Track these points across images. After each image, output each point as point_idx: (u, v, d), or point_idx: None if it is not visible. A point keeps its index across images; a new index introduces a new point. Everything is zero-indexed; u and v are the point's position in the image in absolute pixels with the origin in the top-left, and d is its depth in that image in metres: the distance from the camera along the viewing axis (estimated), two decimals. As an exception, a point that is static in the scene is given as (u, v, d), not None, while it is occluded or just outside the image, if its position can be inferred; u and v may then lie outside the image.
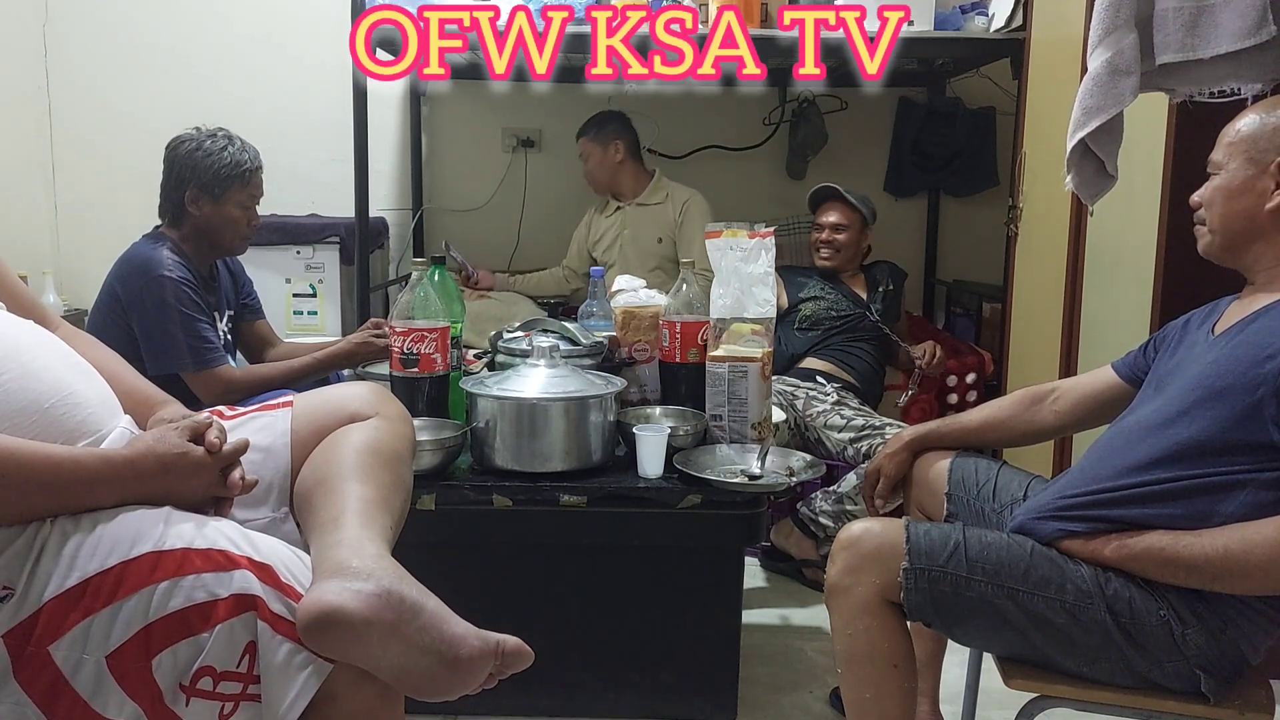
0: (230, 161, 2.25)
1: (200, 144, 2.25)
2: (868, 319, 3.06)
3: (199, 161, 2.24)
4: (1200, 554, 1.31)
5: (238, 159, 2.27)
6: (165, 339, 2.18)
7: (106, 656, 1.04)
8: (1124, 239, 2.25)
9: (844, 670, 1.50)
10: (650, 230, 3.39)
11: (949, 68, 3.59)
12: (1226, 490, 1.34)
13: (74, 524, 1.10)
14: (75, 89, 3.82)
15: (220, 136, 2.28)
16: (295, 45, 3.79)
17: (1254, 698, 1.38)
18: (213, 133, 2.29)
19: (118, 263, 2.25)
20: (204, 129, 2.29)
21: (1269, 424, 1.30)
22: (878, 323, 3.06)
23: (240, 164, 2.27)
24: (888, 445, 1.85)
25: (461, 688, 1.10)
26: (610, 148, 3.39)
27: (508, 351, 2.17)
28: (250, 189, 2.31)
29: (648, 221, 3.40)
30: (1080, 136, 1.84)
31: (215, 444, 1.20)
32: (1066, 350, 2.44)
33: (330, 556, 1.12)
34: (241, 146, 2.29)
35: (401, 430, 1.39)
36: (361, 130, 3.04)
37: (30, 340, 1.24)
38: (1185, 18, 1.75)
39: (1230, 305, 1.50)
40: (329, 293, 3.41)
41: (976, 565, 1.41)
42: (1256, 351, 1.34)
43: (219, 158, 2.25)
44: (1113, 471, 1.43)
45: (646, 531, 1.87)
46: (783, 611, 2.54)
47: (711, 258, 2.12)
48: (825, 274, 3.15)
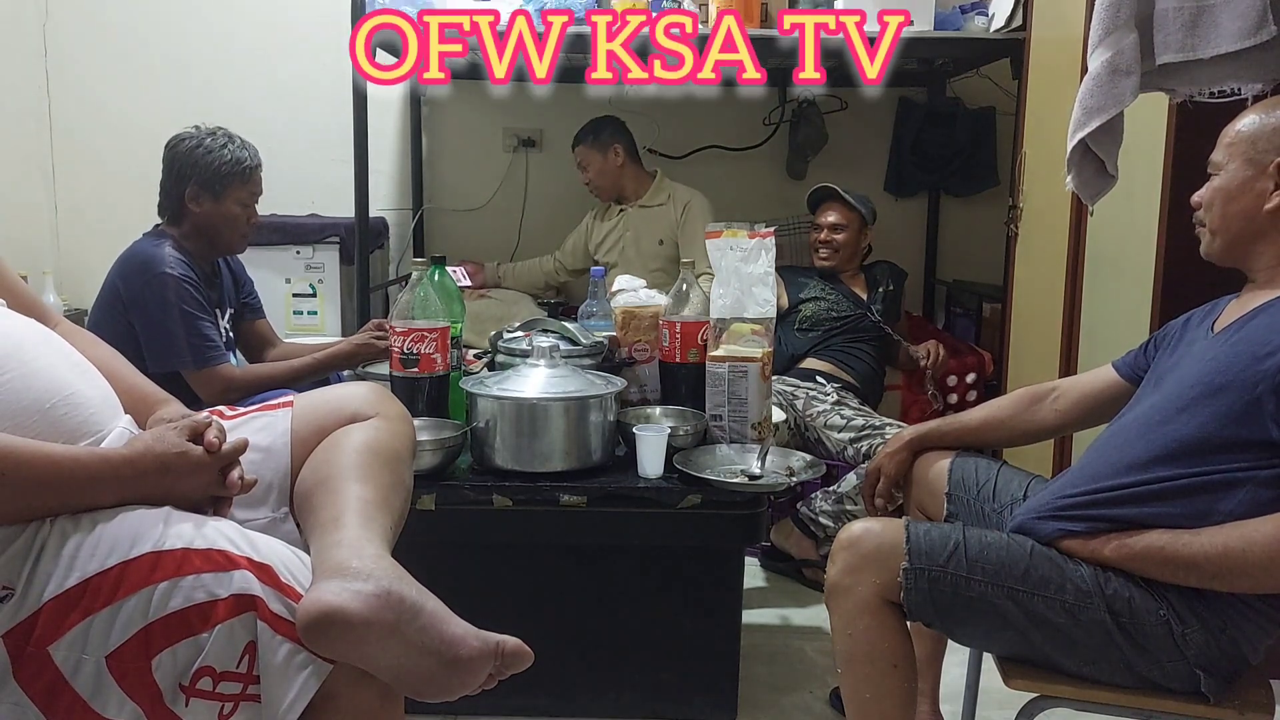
0: (231, 159, 2.26)
1: (200, 142, 2.26)
2: (868, 319, 3.06)
3: (199, 159, 2.24)
4: (1200, 552, 1.31)
5: (238, 156, 2.27)
6: (166, 337, 2.18)
7: (106, 656, 1.04)
8: (1124, 239, 2.25)
9: (844, 670, 1.50)
10: (652, 232, 3.39)
11: (949, 68, 3.59)
12: (1226, 488, 1.34)
13: (74, 524, 1.10)
14: (75, 89, 3.82)
15: (220, 134, 2.29)
16: (296, 45, 3.79)
17: (1254, 697, 1.38)
18: (212, 131, 2.29)
19: (119, 260, 2.25)
20: (204, 127, 2.30)
21: (1268, 420, 1.30)
22: (878, 323, 3.06)
23: (240, 161, 2.27)
24: (888, 445, 1.85)
25: (461, 688, 1.10)
26: (609, 152, 3.38)
27: (508, 351, 2.17)
28: (250, 186, 2.31)
29: (650, 223, 3.40)
30: (1080, 136, 1.84)
31: (214, 443, 1.20)
32: (1066, 350, 2.44)
33: (330, 557, 1.12)
34: (241, 144, 2.30)
35: (402, 430, 1.39)
36: (361, 131, 3.04)
37: (33, 339, 1.24)
38: (1185, 18, 1.75)
39: (1230, 304, 1.50)
40: (329, 293, 3.41)
41: (976, 565, 1.41)
42: (1256, 348, 1.34)
43: (219, 155, 2.25)
44: (1112, 470, 1.43)
45: (646, 531, 1.87)
46: (783, 611, 2.54)
47: (711, 258, 2.12)
48: (825, 274, 3.15)
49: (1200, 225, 1.50)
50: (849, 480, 2.63)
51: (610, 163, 3.39)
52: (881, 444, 2.42)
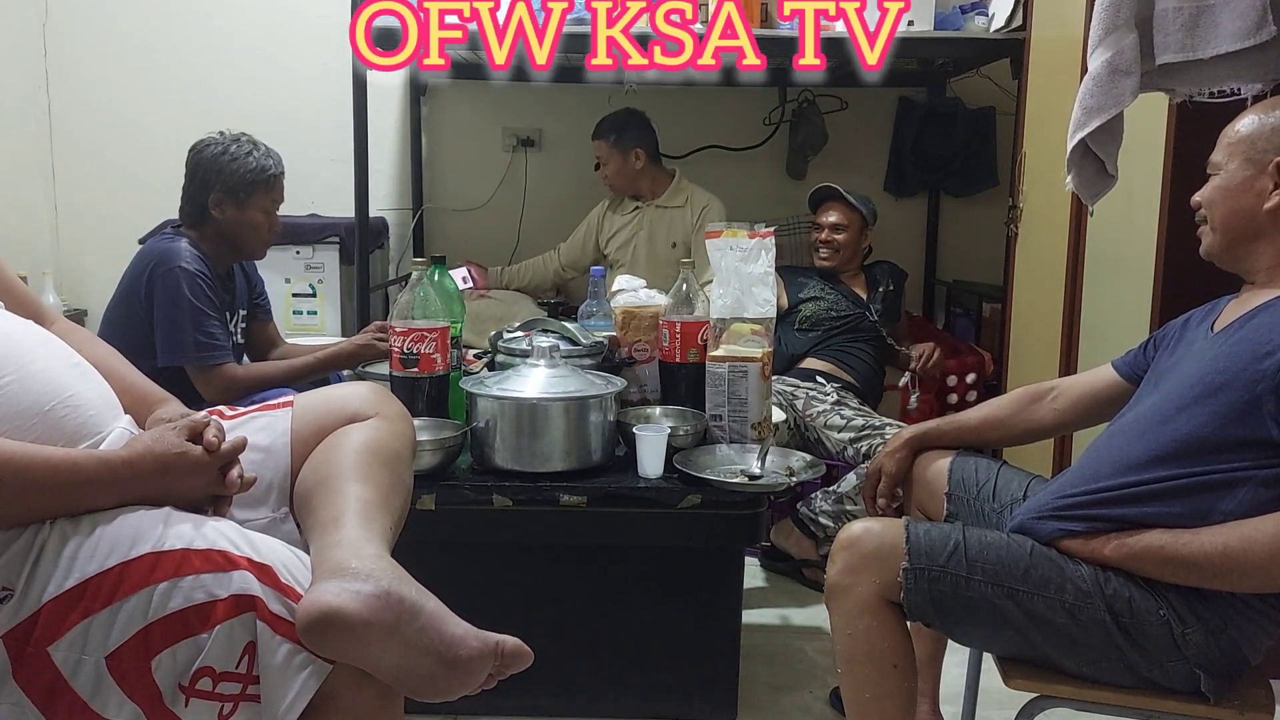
0: (255, 167, 2.26)
1: (225, 149, 2.26)
2: (867, 319, 3.06)
3: (224, 166, 2.25)
4: (1200, 552, 1.31)
5: (263, 164, 2.28)
6: (174, 331, 2.18)
7: (106, 657, 1.04)
8: (1124, 239, 2.25)
9: (844, 671, 1.50)
10: (667, 234, 3.36)
11: (949, 68, 3.59)
12: (1226, 488, 1.34)
13: (73, 525, 1.10)
14: (75, 89, 3.81)
15: (245, 141, 2.29)
16: (295, 45, 3.79)
17: (1254, 697, 1.38)
18: (237, 137, 2.30)
19: (136, 256, 2.27)
20: (228, 133, 2.31)
21: (1268, 420, 1.30)
22: (876, 323, 3.06)
23: (265, 169, 2.28)
24: (888, 444, 1.85)
25: (461, 688, 1.10)
26: (631, 155, 3.33)
27: (508, 351, 2.17)
28: (274, 194, 2.32)
29: (665, 225, 3.37)
30: (1080, 136, 1.84)
31: (213, 443, 1.20)
32: (1066, 350, 2.44)
33: (330, 557, 1.12)
34: (266, 152, 2.30)
35: (401, 430, 1.39)
36: (361, 126, 3.04)
37: (32, 341, 1.24)
38: (1185, 18, 1.75)
39: (1230, 304, 1.50)
40: (329, 293, 3.42)
41: (976, 565, 1.41)
42: (1256, 348, 1.34)
43: (244, 163, 2.26)
44: (1112, 469, 1.43)
45: (646, 531, 1.87)
46: (783, 611, 2.54)
47: (711, 257, 2.12)
48: (825, 274, 3.15)
49: (1201, 224, 1.50)
50: (849, 480, 2.63)
51: (630, 166, 3.34)
52: (881, 444, 2.43)
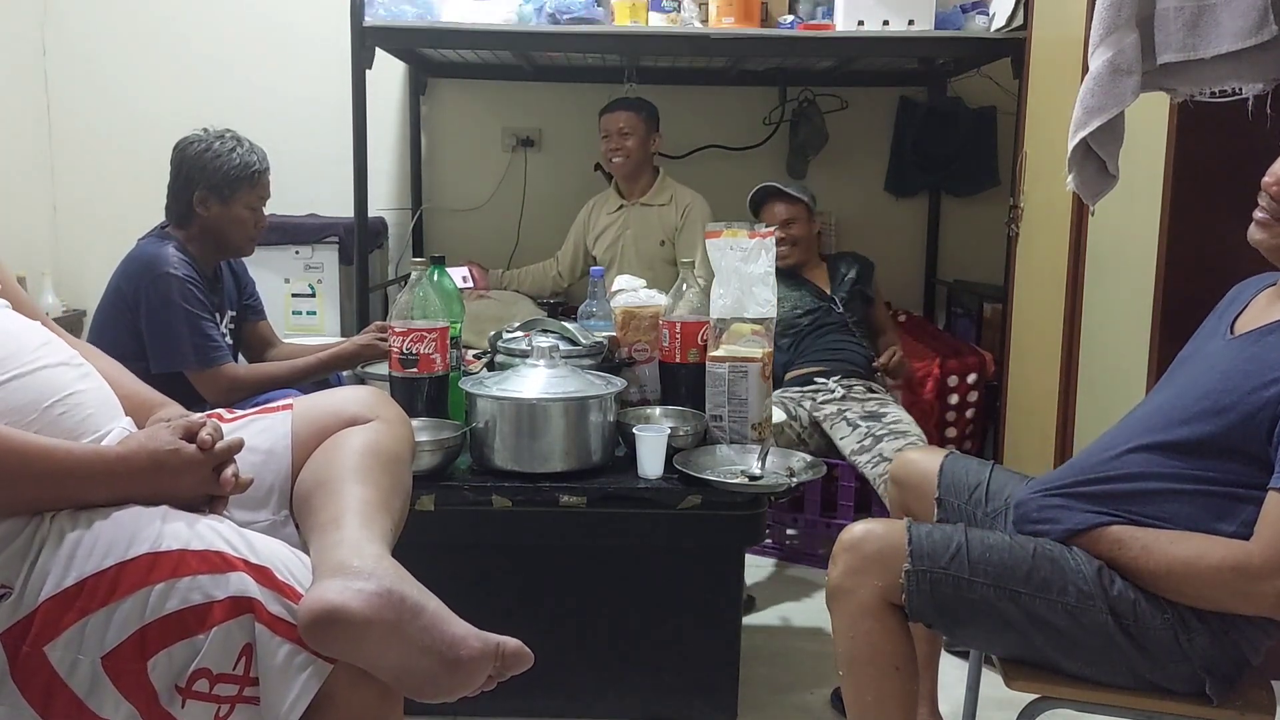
0: (239, 163, 2.26)
1: (209, 145, 2.25)
2: (835, 310, 3.03)
3: (208, 163, 2.24)
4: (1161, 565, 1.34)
5: (246, 160, 2.27)
6: (170, 336, 2.17)
7: (102, 657, 1.04)
8: (1124, 239, 2.24)
9: (846, 673, 1.49)
10: (652, 233, 3.36)
11: (949, 67, 3.58)
12: (1229, 500, 1.34)
13: (71, 523, 1.10)
14: (75, 88, 3.81)
15: (229, 138, 2.28)
16: (295, 46, 3.79)
17: (1255, 698, 1.38)
18: (220, 134, 2.29)
19: (123, 261, 2.25)
20: (212, 130, 2.29)
21: (1267, 444, 1.31)
22: (843, 313, 3.03)
23: (249, 165, 2.27)
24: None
25: (461, 689, 1.10)
26: (653, 135, 3.35)
27: (507, 351, 2.16)
28: (259, 190, 2.31)
29: (650, 223, 3.37)
30: (1081, 136, 1.84)
31: (207, 441, 1.19)
32: (1067, 350, 2.43)
33: (331, 557, 1.12)
34: (250, 148, 2.29)
35: (401, 433, 1.39)
36: (361, 126, 3.04)
37: (35, 340, 1.24)
38: (1186, 17, 1.74)
39: (1259, 295, 1.48)
40: (328, 293, 3.41)
41: (978, 567, 1.40)
42: (1265, 371, 1.34)
43: (228, 159, 2.25)
44: (1110, 458, 1.45)
45: (646, 532, 1.87)
46: (783, 611, 2.54)
47: (712, 258, 2.12)
48: (786, 273, 3.09)
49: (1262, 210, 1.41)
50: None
51: (650, 144, 3.36)
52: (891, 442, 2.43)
